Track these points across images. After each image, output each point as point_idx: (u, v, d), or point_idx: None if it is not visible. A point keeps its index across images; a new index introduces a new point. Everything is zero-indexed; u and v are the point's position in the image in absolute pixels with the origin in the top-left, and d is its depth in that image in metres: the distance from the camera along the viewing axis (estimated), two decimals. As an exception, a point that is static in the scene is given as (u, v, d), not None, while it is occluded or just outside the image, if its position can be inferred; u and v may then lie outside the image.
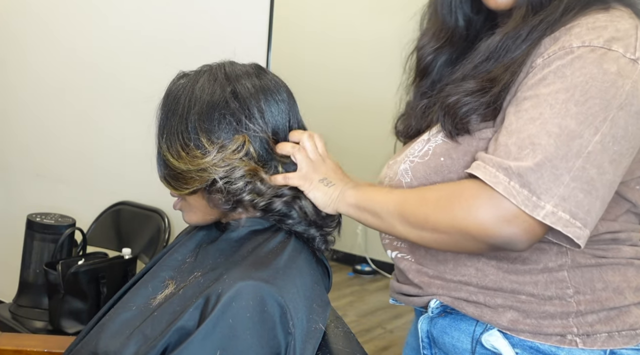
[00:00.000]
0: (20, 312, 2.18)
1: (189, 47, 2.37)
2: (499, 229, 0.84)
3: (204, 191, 0.97)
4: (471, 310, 0.97)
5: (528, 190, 0.82)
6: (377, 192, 0.99)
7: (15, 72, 2.90)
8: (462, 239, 0.87)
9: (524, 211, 0.82)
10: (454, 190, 0.89)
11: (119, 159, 2.61)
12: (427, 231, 0.90)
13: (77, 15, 2.68)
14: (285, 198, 0.98)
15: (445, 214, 0.87)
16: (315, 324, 0.90)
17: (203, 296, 0.87)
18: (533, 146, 0.83)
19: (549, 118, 0.84)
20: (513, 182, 0.83)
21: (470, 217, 0.85)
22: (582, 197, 0.82)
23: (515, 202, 0.82)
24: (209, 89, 0.98)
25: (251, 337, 0.83)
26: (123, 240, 2.38)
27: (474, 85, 0.94)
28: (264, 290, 0.85)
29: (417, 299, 1.04)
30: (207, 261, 0.97)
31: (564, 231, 0.82)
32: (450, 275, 0.99)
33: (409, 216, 0.92)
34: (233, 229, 1.00)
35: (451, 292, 0.99)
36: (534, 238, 0.85)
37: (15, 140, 2.93)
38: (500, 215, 0.83)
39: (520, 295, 0.94)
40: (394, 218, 0.94)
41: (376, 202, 0.97)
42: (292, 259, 0.95)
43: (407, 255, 1.05)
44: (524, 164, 0.83)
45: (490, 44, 0.96)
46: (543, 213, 0.82)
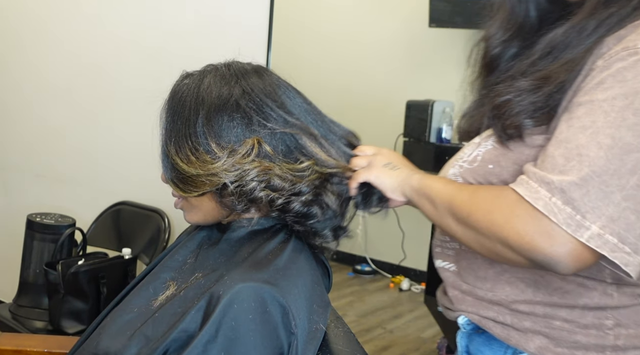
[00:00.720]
0: (20, 312, 2.18)
1: (190, 47, 2.37)
2: (539, 245, 0.76)
3: (214, 193, 0.96)
4: (498, 332, 0.92)
5: (571, 208, 0.74)
6: (439, 181, 0.95)
7: (15, 72, 2.90)
8: (501, 247, 0.81)
9: (566, 231, 0.74)
10: (499, 194, 0.83)
11: (119, 159, 2.61)
12: (470, 230, 0.85)
13: (78, 15, 2.68)
14: (304, 197, 0.95)
15: (485, 215, 0.82)
16: (316, 324, 0.90)
17: (204, 298, 0.87)
18: (580, 158, 0.75)
19: (601, 127, 0.75)
20: (555, 198, 0.75)
21: (508, 226, 0.79)
22: (633, 219, 0.74)
23: (555, 220, 0.75)
24: (216, 90, 0.96)
25: (254, 339, 0.83)
26: (123, 240, 2.38)
27: (527, 84, 0.86)
28: (265, 292, 0.85)
29: (450, 313, 1.01)
30: (208, 262, 0.97)
31: (610, 256, 0.74)
32: (483, 293, 0.94)
33: (456, 209, 0.87)
34: (233, 230, 1.00)
35: (480, 310, 0.94)
36: (581, 263, 0.76)
37: (15, 140, 2.93)
38: (541, 232, 0.76)
39: (554, 321, 0.87)
40: (445, 208, 0.89)
41: (435, 189, 0.92)
42: (293, 259, 0.94)
43: (451, 265, 1.00)
44: (568, 178, 0.75)
45: (552, 37, 0.88)
46: (588, 235, 0.74)
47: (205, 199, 0.98)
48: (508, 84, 0.89)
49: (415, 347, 3.00)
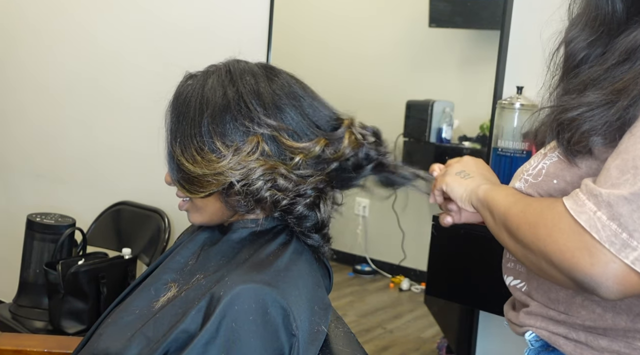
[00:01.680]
0: (20, 312, 2.18)
1: (190, 47, 2.37)
2: (580, 264, 0.70)
3: (220, 194, 0.96)
4: (570, 350, 0.85)
5: (617, 225, 0.68)
6: (502, 192, 0.89)
7: (16, 73, 2.90)
8: (545, 264, 0.75)
9: (609, 250, 0.68)
10: (547, 206, 0.76)
11: (119, 159, 2.61)
12: (518, 243, 0.80)
13: (77, 16, 2.68)
14: (308, 200, 0.95)
15: (531, 228, 0.77)
16: (317, 326, 0.90)
17: (205, 299, 0.87)
18: (636, 171, 0.68)
19: None
20: (600, 212, 0.69)
21: (550, 240, 0.73)
22: None
23: (598, 237, 0.68)
24: (220, 90, 0.96)
25: (254, 340, 0.83)
26: (123, 240, 2.38)
27: (598, 97, 0.77)
28: (266, 293, 0.85)
29: (517, 328, 0.95)
30: (209, 263, 0.97)
31: None
32: (556, 314, 0.87)
33: (509, 222, 0.82)
34: (235, 231, 0.99)
35: (549, 326, 0.88)
36: (626, 287, 0.69)
37: (15, 140, 2.93)
38: (582, 249, 0.70)
39: (635, 341, 0.80)
40: (500, 221, 0.84)
41: (495, 201, 0.87)
42: (294, 261, 0.94)
43: (522, 283, 0.95)
44: (617, 192, 0.68)
45: (632, 39, 0.78)
46: (634, 256, 0.67)
47: (211, 199, 0.97)
48: (576, 96, 0.80)
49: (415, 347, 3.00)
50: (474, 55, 2.36)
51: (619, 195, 0.68)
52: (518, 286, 0.96)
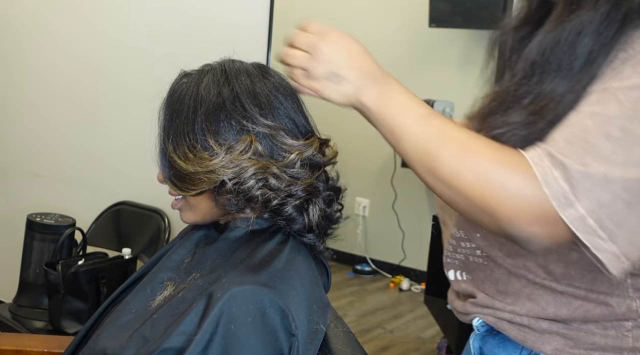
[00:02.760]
0: (20, 312, 2.18)
1: (190, 47, 2.37)
2: (523, 223, 0.72)
3: (211, 192, 0.96)
4: (514, 333, 0.89)
5: (569, 186, 0.70)
6: (408, 112, 0.80)
7: (15, 72, 2.90)
8: (481, 212, 0.75)
9: (553, 204, 0.70)
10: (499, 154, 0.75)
11: (119, 159, 2.61)
12: (448, 187, 0.77)
13: (78, 15, 2.68)
14: (298, 201, 0.95)
15: (479, 180, 0.74)
16: (316, 325, 0.90)
17: (202, 300, 0.86)
18: (586, 145, 0.71)
19: (613, 117, 0.71)
20: (555, 171, 0.71)
21: (501, 196, 0.73)
22: (621, 207, 0.70)
23: (548, 191, 0.71)
24: (214, 89, 0.96)
25: (254, 342, 0.83)
26: (123, 240, 2.38)
27: (519, 119, 0.79)
28: (264, 295, 0.85)
29: (464, 316, 0.99)
30: (206, 262, 0.97)
31: (584, 240, 0.71)
32: (502, 305, 0.91)
33: (437, 164, 0.77)
34: (231, 229, 0.99)
35: (495, 312, 0.92)
36: (554, 240, 0.73)
37: (15, 140, 2.93)
38: (529, 208, 0.72)
39: (571, 323, 0.86)
40: (418, 158, 0.79)
41: (404, 126, 0.80)
42: (291, 260, 0.94)
43: (462, 273, 0.99)
44: (572, 159, 0.71)
45: (526, 52, 0.81)
46: (573, 215, 0.70)
47: (203, 198, 0.98)
48: (500, 115, 0.81)
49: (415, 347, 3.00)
50: (474, 55, 2.35)
51: (573, 161, 0.71)
52: (460, 278, 0.99)
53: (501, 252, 0.91)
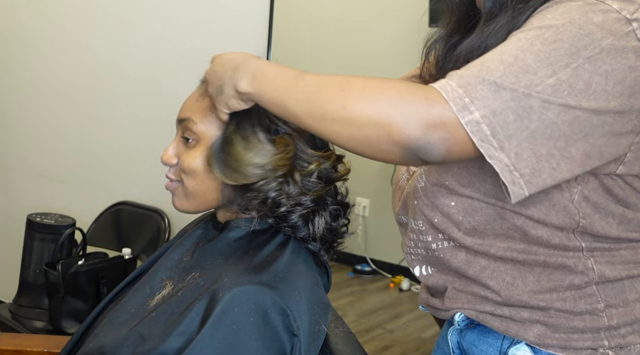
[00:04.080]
0: (20, 312, 2.18)
1: (190, 47, 2.36)
2: (422, 131, 0.74)
3: (224, 184, 0.96)
4: (496, 324, 0.93)
5: (464, 91, 0.75)
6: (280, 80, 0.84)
7: (15, 72, 2.90)
8: (376, 136, 0.77)
9: (452, 109, 0.74)
10: (388, 82, 0.79)
11: (119, 159, 2.61)
12: (337, 123, 0.79)
13: (78, 15, 2.68)
14: (304, 211, 0.96)
15: (368, 104, 0.77)
16: (317, 325, 0.90)
17: (203, 300, 0.86)
18: (481, 66, 0.77)
19: (510, 49, 0.78)
20: (452, 81, 0.76)
21: (397, 112, 0.75)
22: (512, 119, 0.75)
23: (446, 96, 0.75)
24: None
25: (256, 342, 0.83)
26: (123, 240, 2.38)
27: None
28: (265, 295, 0.85)
29: (443, 313, 1.00)
30: (206, 262, 0.97)
31: (477, 145, 0.75)
32: (477, 290, 0.94)
33: (321, 105, 0.80)
34: (231, 229, 0.99)
35: (476, 305, 0.95)
36: (453, 148, 0.76)
37: (15, 140, 2.93)
38: (428, 116, 0.75)
39: (549, 310, 0.90)
40: (302, 108, 0.81)
41: (281, 90, 0.83)
42: (292, 261, 0.94)
43: (427, 267, 1.01)
44: (468, 71, 0.77)
45: (465, 50, 0.91)
46: (469, 118, 0.74)
47: (210, 188, 0.98)
48: None
49: (415, 347, 3.00)
50: (474, 55, 2.34)
51: (469, 73, 0.76)
52: (425, 273, 1.01)
53: (460, 232, 0.93)
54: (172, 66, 2.41)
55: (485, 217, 0.91)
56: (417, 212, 0.98)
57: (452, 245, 0.95)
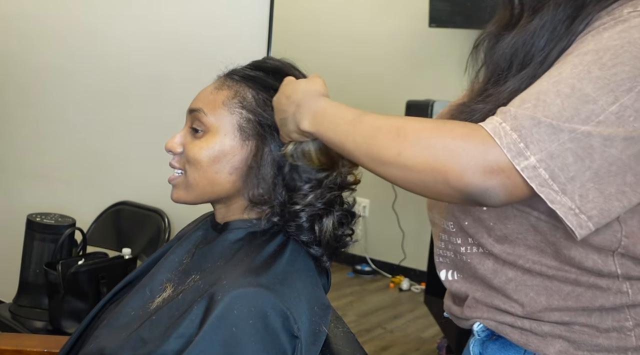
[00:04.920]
0: (20, 312, 2.18)
1: (189, 47, 2.36)
2: (478, 178, 0.73)
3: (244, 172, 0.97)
4: (516, 337, 0.89)
5: (518, 135, 0.73)
6: (340, 121, 0.85)
7: (16, 72, 2.90)
8: (433, 181, 0.77)
9: (507, 156, 0.72)
10: (444, 126, 0.79)
11: (119, 159, 2.61)
12: (395, 167, 0.79)
13: (79, 15, 2.68)
14: (313, 212, 0.96)
15: (423, 150, 0.77)
16: (318, 326, 0.90)
17: (203, 302, 0.86)
18: (537, 101, 0.74)
19: (565, 78, 0.74)
20: (505, 123, 0.74)
21: (453, 159, 0.74)
22: (571, 160, 0.72)
23: (499, 142, 0.73)
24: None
25: (255, 344, 0.83)
26: (123, 240, 2.38)
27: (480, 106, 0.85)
28: (265, 297, 0.85)
29: (463, 322, 0.98)
30: (206, 263, 0.96)
31: (537, 190, 0.73)
32: (498, 302, 0.91)
33: (379, 150, 0.80)
34: (231, 230, 0.99)
35: (496, 316, 0.91)
36: (512, 194, 0.75)
37: (15, 140, 2.93)
38: (485, 163, 0.73)
39: (574, 326, 0.86)
40: (360, 151, 0.82)
41: (340, 132, 0.84)
42: (291, 262, 0.94)
43: (453, 273, 0.98)
44: (523, 111, 0.74)
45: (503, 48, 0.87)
46: (524, 164, 0.72)
47: (211, 179, 0.98)
48: (464, 106, 0.88)
49: (415, 347, 3.00)
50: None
51: (524, 113, 0.74)
52: (451, 278, 0.98)
53: (490, 238, 0.90)
54: (172, 66, 2.41)
55: (517, 226, 0.88)
56: (448, 212, 0.97)
57: (481, 252, 0.93)
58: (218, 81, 1.03)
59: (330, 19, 3.98)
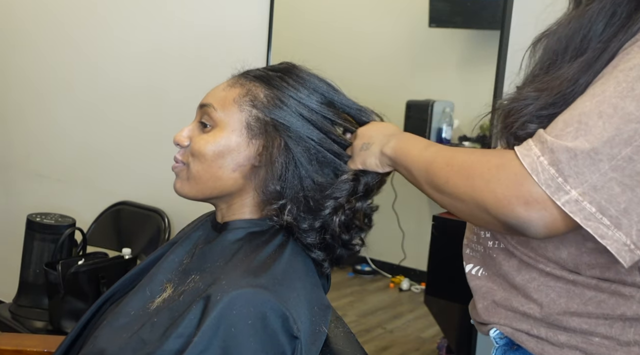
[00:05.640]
0: (20, 312, 2.18)
1: (189, 47, 2.37)
2: (515, 208, 0.73)
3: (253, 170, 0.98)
4: (532, 346, 0.88)
5: (555, 170, 0.71)
6: (414, 147, 0.91)
7: (16, 72, 2.90)
8: (477, 210, 0.78)
9: (545, 192, 0.71)
10: (484, 157, 0.79)
11: (119, 159, 2.61)
12: (446, 195, 0.83)
13: (79, 15, 2.68)
14: (325, 211, 0.96)
15: (464, 180, 0.79)
16: (318, 326, 0.90)
17: (202, 303, 0.86)
18: (579, 125, 0.72)
19: (609, 96, 0.72)
20: (543, 157, 0.72)
21: (488, 189, 0.75)
22: (618, 191, 0.69)
23: (537, 179, 0.72)
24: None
25: (254, 344, 0.83)
26: (123, 240, 2.38)
27: (530, 93, 0.83)
28: (264, 298, 0.85)
29: (482, 327, 0.96)
30: (205, 264, 0.96)
31: (582, 224, 0.70)
32: (517, 304, 0.89)
33: (432, 177, 0.85)
34: (230, 231, 0.99)
35: (513, 322, 0.90)
36: (553, 228, 0.73)
37: (15, 140, 2.93)
38: (519, 193, 0.73)
39: (592, 337, 0.83)
40: (422, 178, 0.87)
41: (410, 158, 0.90)
42: (291, 262, 0.94)
43: (480, 269, 0.97)
44: (560, 141, 0.72)
45: (559, 34, 0.84)
46: (565, 199, 0.70)
47: (214, 174, 0.98)
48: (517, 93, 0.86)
49: (415, 347, 3.00)
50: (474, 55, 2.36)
51: (561, 144, 0.72)
52: (475, 273, 0.97)
53: (513, 240, 0.90)
54: (172, 67, 2.41)
55: (539, 241, 0.86)
56: None
57: (505, 252, 0.92)
58: (232, 79, 1.03)
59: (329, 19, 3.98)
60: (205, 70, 2.28)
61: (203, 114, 1.00)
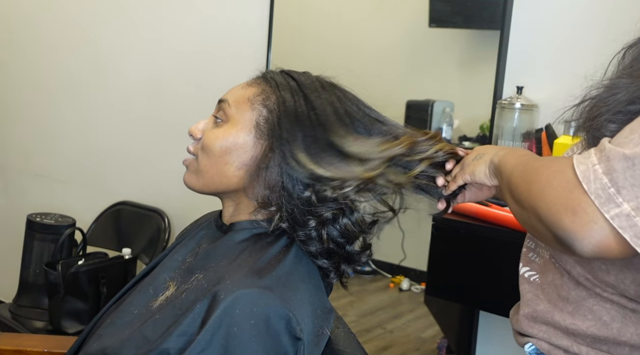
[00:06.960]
0: (20, 312, 2.18)
1: (189, 47, 2.37)
2: (562, 217, 0.67)
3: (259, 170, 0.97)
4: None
5: (609, 179, 0.65)
6: (514, 156, 0.86)
7: (16, 72, 2.90)
8: (534, 219, 0.73)
9: (594, 203, 0.65)
10: (549, 162, 0.75)
11: (119, 159, 2.61)
12: (516, 203, 0.78)
13: (78, 16, 2.68)
14: (326, 214, 0.95)
15: (526, 185, 0.75)
16: (320, 328, 0.90)
17: (205, 301, 0.86)
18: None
19: None
20: (598, 165, 0.67)
21: (542, 195, 0.70)
22: None
23: (587, 188, 0.66)
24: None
25: (256, 345, 0.83)
26: (123, 240, 2.38)
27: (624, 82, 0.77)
28: (268, 299, 0.85)
29: (519, 338, 0.92)
30: (209, 263, 0.96)
31: (631, 242, 0.64)
32: (562, 317, 0.84)
33: (511, 184, 0.80)
34: (236, 231, 0.99)
35: (552, 338, 0.84)
36: (602, 246, 0.66)
37: (15, 140, 2.93)
38: (567, 201, 0.67)
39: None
40: (506, 184, 0.82)
41: (505, 165, 0.85)
42: (295, 264, 0.94)
43: (536, 275, 0.92)
44: (619, 149, 0.66)
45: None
46: (615, 212, 0.64)
47: (220, 170, 0.98)
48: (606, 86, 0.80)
49: (415, 347, 3.00)
50: (474, 55, 2.36)
51: (619, 152, 0.66)
52: (528, 276, 0.93)
53: (571, 259, 0.84)
54: (172, 67, 2.41)
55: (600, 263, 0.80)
56: None
57: (562, 269, 0.87)
58: (252, 79, 1.04)
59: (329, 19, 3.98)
60: (205, 71, 2.28)
61: (219, 109, 1.02)
